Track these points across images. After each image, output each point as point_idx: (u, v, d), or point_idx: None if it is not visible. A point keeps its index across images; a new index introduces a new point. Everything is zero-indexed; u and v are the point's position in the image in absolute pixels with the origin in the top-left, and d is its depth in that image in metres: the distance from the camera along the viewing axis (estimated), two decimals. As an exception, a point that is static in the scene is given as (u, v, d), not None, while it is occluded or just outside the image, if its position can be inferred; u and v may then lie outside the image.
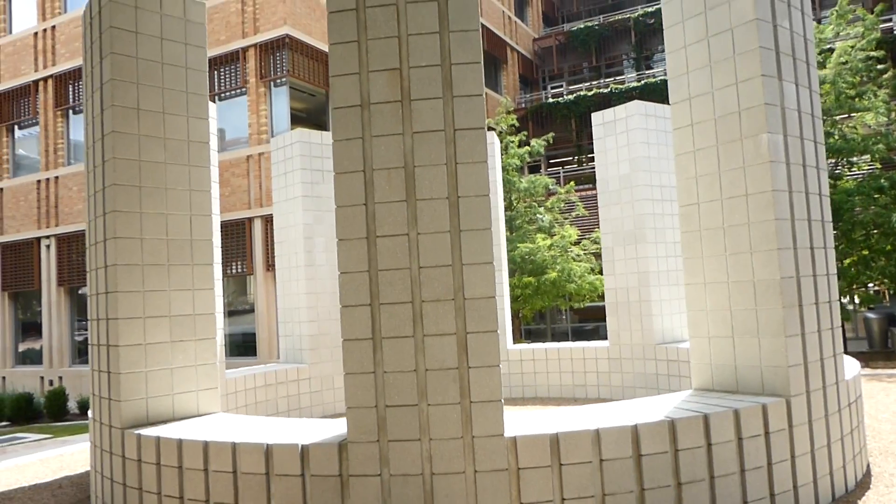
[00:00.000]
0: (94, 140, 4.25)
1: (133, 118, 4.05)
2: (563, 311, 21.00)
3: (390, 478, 3.04)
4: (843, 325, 12.87)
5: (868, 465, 4.17)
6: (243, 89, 15.57)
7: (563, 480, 3.01)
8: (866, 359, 13.35)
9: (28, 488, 4.98)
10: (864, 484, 3.87)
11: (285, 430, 3.51)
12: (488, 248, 3.07)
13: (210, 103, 5.40)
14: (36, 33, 17.16)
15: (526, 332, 21.49)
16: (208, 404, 4.20)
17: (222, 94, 15.66)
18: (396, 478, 3.03)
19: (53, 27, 16.86)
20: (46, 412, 12.27)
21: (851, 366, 4.33)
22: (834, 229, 11.66)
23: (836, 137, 11.72)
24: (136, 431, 3.71)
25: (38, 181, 16.84)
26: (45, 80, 16.92)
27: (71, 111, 16.82)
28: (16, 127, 17.77)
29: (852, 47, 12.03)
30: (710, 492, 3.17)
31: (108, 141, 4.02)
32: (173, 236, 4.15)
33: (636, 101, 7.17)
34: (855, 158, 12.40)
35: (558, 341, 10.29)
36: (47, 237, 16.59)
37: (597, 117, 7.47)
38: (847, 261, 11.94)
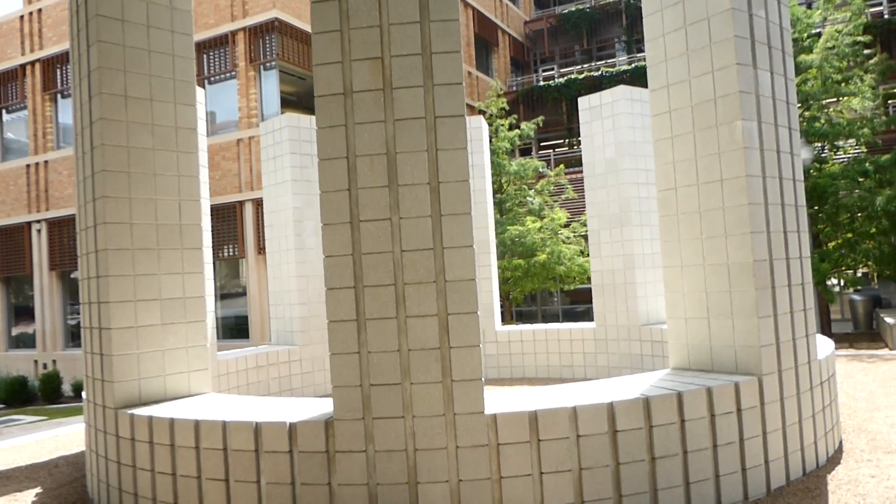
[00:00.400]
0: (82, 127, 4.31)
1: (121, 105, 4.11)
2: (553, 293, 21.18)
3: (375, 454, 3.15)
4: (828, 307, 13.08)
5: (840, 442, 4.32)
6: (233, 73, 15.54)
7: (542, 455, 3.13)
8: (851, 340, 13.57)
9: (25, 468, 5.09)
10: (834, 459, 4.01)
11: (274, 409, 3.62)
12: (468, 232, 3.17)
13: (198, 88, 5.45)
14: (22, 16, 17.04)
15: (517, 314, 21.66)
16: (199, 385, 4.30)
17: (212, 78, 15.62)
18: (381, 454, 3.15)
19: (40, 10, 16.73)
20: (41, 395, 12.37)
21: (825, 346, 4.46)
22: (819, 213, 11.82)
23: (823, 122, 11.82)
24: (129, 411, 3.81)
25: (28, 165, 16.81)
26: (32, 63, 16.83)
27: (59, 95, 16.76)
28: (3, 111, 17.69)
29: (839, 32, 12.10)
30: (684, 466, 3.31)
31: (97, 128, 4.08)
32: (162, 221, 4.22)
33: (622, 86, 7.25)
34: (841, 142, 12.51)
35: (549, 323, 10.37)
36: (38, 221, 16.59)
37: (583, 102, 7.55)
38: (832, 243, 12.11)
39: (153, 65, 4.25)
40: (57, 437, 6.40)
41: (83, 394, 4.56)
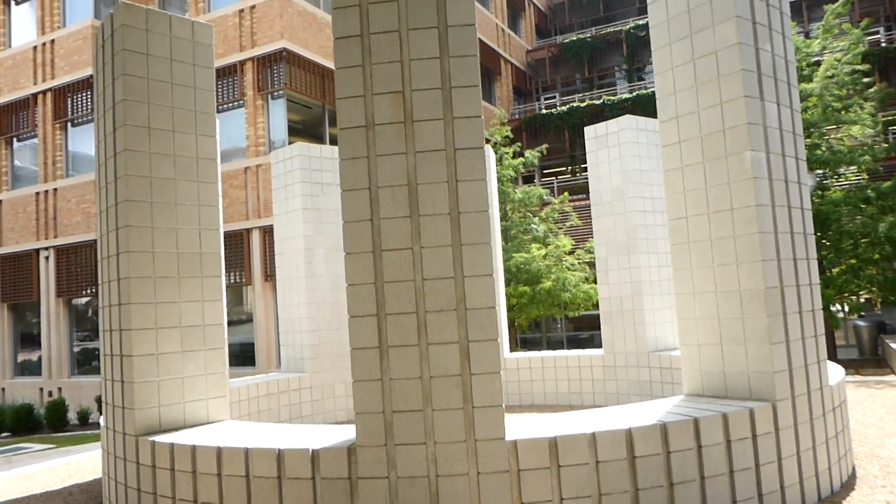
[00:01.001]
0: (105, 157, 4.42)
1: (144, 136, 4.22)
2: (557, 319, 21.18)
3: (397, 480, 3.20)
4: (833, 333, 13.09)
5: (853, 468, 4.34)
6: (241, 102, 15.75)
7: (562, 481, 3.17)
8: (857, 366, 13.54)
9: (40, 495, 5.11)
10: (848, 485, 4.04)
11: (295, 435, 3.67)
12: (488, 261, 3.25)
13: (216, 120, 5.56)
14: (35, 47, 17.33)
15: (521, 340, 21.65)
16: (217, 412, 4.35)
17: (220, 107, 15.83)
18: (403, 480, 3.19)
19: (52, 41, 17.02)
20: (47, 423, 12.35)
21: (836, 372, 4.51)
22: (823, 239, 11.89)
23: (824, 149, 11.95)
24: (150, 438, 3.86)
25: (37, 193, 16.96)
26: (43, 93, 17.07)
27: (69, 123, 16.97)
28: (14, 139, 17.90)
29: (838, 61, 12.30)
30: (701, 492, 3.34)
31: (121, 159, 4.18)
32: (183, 249, 4.31)
33: (628, 116, 7.38)
34: (842, 170, 12.63)
35: (554, 350, 10.42)
36: (46, 249, 16.69)
37: (589, 131, 7.68)
38: (836, 270, 12.16)
39: (175, 97, 4.37)
40: (69, 465, 6.42)
41: (101, 419, 4.60)
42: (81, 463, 6.48)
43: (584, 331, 21.57)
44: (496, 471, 3.16)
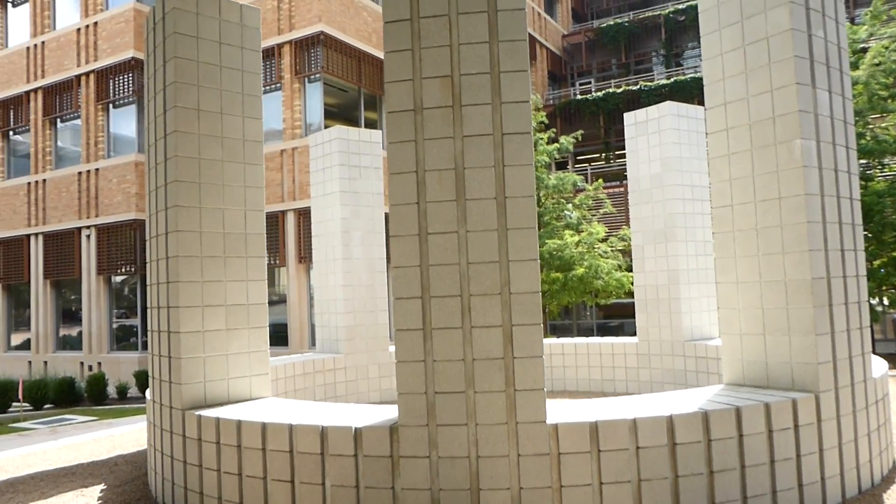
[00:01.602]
0: (156, 139, 4.51)
1: (194, 118, 4.30)
2: (588, 307, 21.10)
3: (438, 459, 3.25)
4: (871, 326, 12.84)
5: (894, 461, 4.29)
6: (278, 85, 15.89)
7: (602, 466, 3.20)
8: (895, 360, 13.26)
9: (87, 465, 5.29)
10: (889, 479, 4.00)
11: (337, 413, 3.74)
12: (533, 246, 3.26)
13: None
14: (79, 29, 17.64)
15: (551, 327, 21.62)
16: (260, 389, 4.45)
17: (257, 90, 15.96)
18: (444, 460, 3.24)
19: (96, 23, 17.32)
20: (87, 396, 12.71)
21: (879, 365, 4.45)
22: (865, 231, 11.64)
23: (868, 139, 11.67)
24: (197, 412, 3.97)
25: (79, 173, 17.35)
26: (86, 74, 17.40)
27: (111, 105, 17.28)
28: (58, 120, 18.30)
29: (886, 48, 11.96)
30: (741, 480, 3.34)
31: (171, 140, 4.27)
32: (229, 230, 4.40)
33: (669, 102, 7.29)
34: (887, 160, 12.33)
35: (583, 337, 10.37)
36: (88, 227, 17.09)
37: (629, 117, 7.61)
38: (877, 262, 11.90)
39: (224, 80, 4.44)
40: (112, 437, 6.62)
41: (147, 393, 4.74)
42: (125, 435, 6.69)
43: (614, 318, 21.45)
44: (536, 453, 3.19)
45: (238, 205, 4.45)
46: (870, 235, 11.66)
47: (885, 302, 13.69)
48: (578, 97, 25.14)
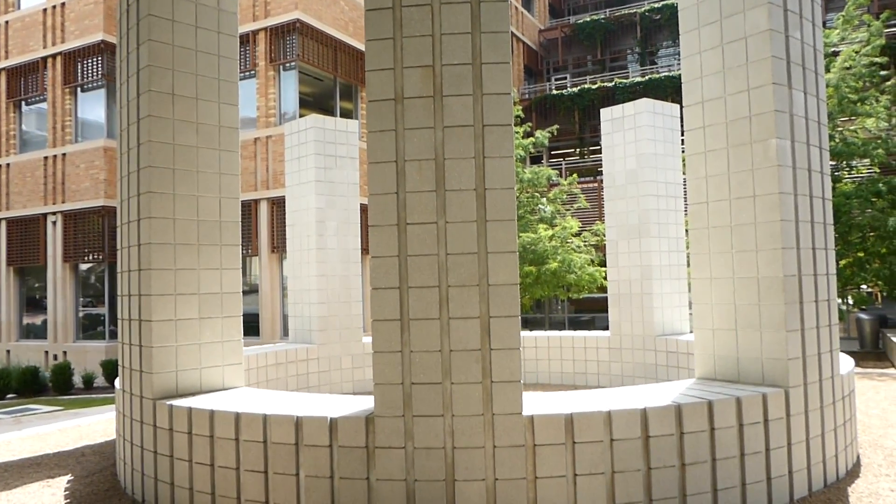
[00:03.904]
0: (128, 123, 4.42)
1: (168, 103, 4.22)
2: (560, 301, 21.25)
3: (414, 450, 3.25)
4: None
5: (858, 456, 4.40)
6: (252, 72, 15.68)
7: (576, 458, 3.22)
8: (858, 358, 13.58)
9: (53, 455, 5.19)
10: (853, 473, 4.10)
11: (312, 404, 3.71)
12: (512, 238, 3.27)
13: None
14: (45, 10, 17.18)
15: (523, 320, 21.73)
16: (233, 379, 4.40)
17: (231, 77, 15.73)
18: (420, 451, 3.24)
19: (63, 4, 16.87)
20: (52, 385, 12.43)
21: (846, 362, 4.55)
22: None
23: (837, 141, 11.89)
24: (168, 402, 3.91)
25: (45, 157, 16.93)
26: (53, 56, 16.97)
27: (79, 89, 16.88)
28: (23, 103, 17.83)
29: (857, 52, 12.19)
30: (712, 473, 3.39)
31: (144, 125, 4.19)
32: (204, 217, 4.33)
33: (645, 99, 7.36)
34: (855, 162, 12.58)
35: (555, 330, 10.48)
36: (54, 213, 16.70)
37: (605, 113, 7.65)
38: (843, 262, 12.16)
39: (200, 64, 4.37)
40: (79, 427, 6.50)
41: (116, 382, 4.65)
42: (92, 425, 6.56)
43: (586, 313, 21.64)
44: (512, 445, 3.20)
45: (213, 192, 4.38)
46: (836, 236, 11.91)
47: (850, 301, 14.00)
48: (554, 92, 25.25)
